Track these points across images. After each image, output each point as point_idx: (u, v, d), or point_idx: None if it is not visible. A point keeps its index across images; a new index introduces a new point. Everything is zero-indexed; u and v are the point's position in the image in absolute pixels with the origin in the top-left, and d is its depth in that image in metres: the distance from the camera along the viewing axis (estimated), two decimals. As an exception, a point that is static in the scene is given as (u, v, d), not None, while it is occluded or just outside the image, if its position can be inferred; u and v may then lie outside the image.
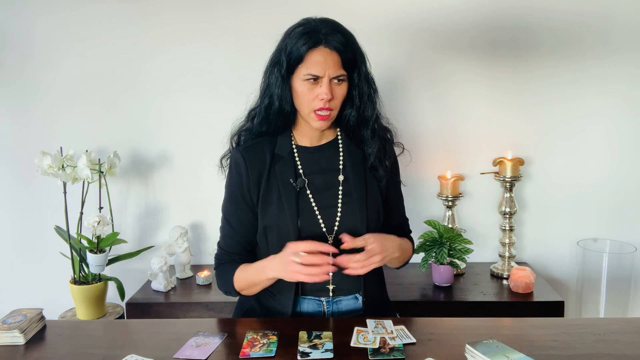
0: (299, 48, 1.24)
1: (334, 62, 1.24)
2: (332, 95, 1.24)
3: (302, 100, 1.27)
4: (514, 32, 2.09)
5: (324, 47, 1.24)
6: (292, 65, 1.26)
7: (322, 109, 1.25)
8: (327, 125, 1.30)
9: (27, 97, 2.19)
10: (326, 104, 1.25)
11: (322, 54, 1.23)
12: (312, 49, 1.24)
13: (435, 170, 2.16)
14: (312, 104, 1.26)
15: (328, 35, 1.24)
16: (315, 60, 1.23)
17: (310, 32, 1.24)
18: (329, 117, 1.27)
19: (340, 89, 1.27)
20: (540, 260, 2.23)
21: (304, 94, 1.26)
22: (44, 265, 2.28)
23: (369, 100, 1.33)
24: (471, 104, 2.14)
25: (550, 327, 1.22)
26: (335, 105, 1.28)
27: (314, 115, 1.27)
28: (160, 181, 2.23)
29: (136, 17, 2.12)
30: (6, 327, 1.19)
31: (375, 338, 1.16)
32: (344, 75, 1.26)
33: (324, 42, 1.24)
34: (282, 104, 1.30)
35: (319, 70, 1.23)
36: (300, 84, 1.26)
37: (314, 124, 1.29)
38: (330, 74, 1.24)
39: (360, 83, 1.30)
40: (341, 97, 1.28)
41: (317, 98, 1.25)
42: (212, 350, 1.14)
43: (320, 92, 1.24)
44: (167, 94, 2.17)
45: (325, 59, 1.23)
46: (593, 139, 2.14)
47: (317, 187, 1.34)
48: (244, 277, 1.31)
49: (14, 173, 2.24)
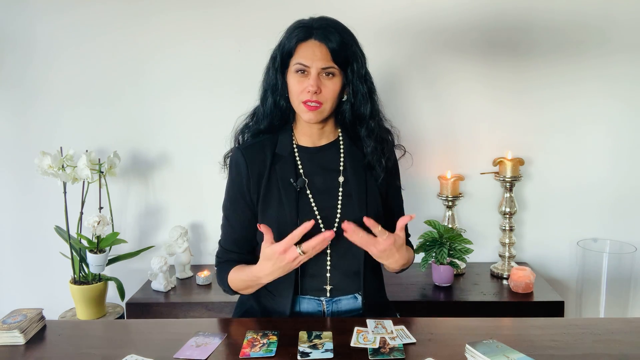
0: (290, 41, 1.27)
1: (322, 55, 1.25)
2: (319, 88, 1.25)
3: (292, 93, 1.29)
4: (514, 32, 2.09)
5: (313, 40, 1.26)
6: (285, 59, 1.29)
7: (309, 101, 1.26)
8: (317, 119, 1.29)
9: (27, 97, 2.19)
10: (313, 95, 1.25)
11: (310, 46, 1.26)
12: (302, 42, 1.27)
13: (435, 170, 2.16)
14: (300, 96, 1.27)
15: (319, 29, 1.26)
16: (304, 51, 1.26)
17: (303, 27, 1.28)
18: (317, 109, 1.27)
19: (331, 83, 1.27)
20: (540, 260, 2.23)
21: (294, 86, 1.28)
22: (44, 265, 2.28)
23: (363, 98, 1.33)
24: (471, 104, 2.14)
25: (550, 327, 1.22)
26: (324, 99, 1.27)
27: (303, 107, 1.27)
28: (160, 181, 2.23)
29: (136, 17, 2.12)
30: (6, 327, 1.18)
31: (375, 338, 1.16)
32: (334, 68, 1.26)
33: (314, 35, 1.26)
34: (276, 98, 1.33)
35: (306, 61, 1.25)
36: (292, 77, 1.28)
37: (303, 116, 1.29)
38: (318, 66, 1.25)
39: (354, 80, 1.31)
40: (332, 92, 1.28)
41: (305, 90, 1.26)
42: (212, 350, 1.14)
43: (307, 84, 1.25)
44: (167, 93, 2.17)
45: (314, 51, 1.25)
46: (593, 138, 2.14)
47: (317, 188, 1.34)
48: (238, 279, 1.32)
49: (14, 173, 2.24)
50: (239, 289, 1.35)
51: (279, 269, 1.22)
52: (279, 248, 1.18)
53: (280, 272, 1.23)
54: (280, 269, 1.22)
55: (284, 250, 1.18)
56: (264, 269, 1.23)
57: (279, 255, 1.19)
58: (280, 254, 1.18)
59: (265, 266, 1.23)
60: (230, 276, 1.33)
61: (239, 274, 1.32)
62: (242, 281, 1.32)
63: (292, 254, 1.18)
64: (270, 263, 1.21)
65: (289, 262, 1.19)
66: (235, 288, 1.35)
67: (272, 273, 1.23)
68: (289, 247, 1.18)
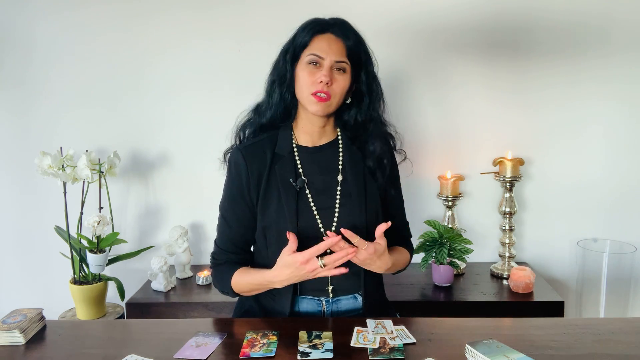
0: (305, 35, 1.29)
1: (337, 48, 1.27)
2: (332, 81, 1.26)
3: (302, 84, 1.28)
4: (514, 33, 2.09)
5: (330, 34, 1.28)
6: (298, 51, 1.30)
7: (320, 92, 1.26)
8: (325, 112, 1.29)
9: (27, 97, 2.19)
10: (324, 87, 1.25)
11: (326, 39, 1.28)
12: (318, 35, 1.28)
13: (435, 170, 2.16)
14: (311, 87, 1.27)
15: (336, 25, 1.29)
16: (320, 43, 1.27)
17: (320, 22, 1.30)
18: (326, 101, 1.27)
19: (342, 78, 1.28)
20: (540, 260, 2.23)
21: (304, 78, 1.27)
22: (44, 265, 2.28)
23: (371, 101, 1.34)
24: (471, 104, 2.14)
25: (550, 327, 1.22)
26: (334, 93, 1.27)
27: (312, 98, 1.27)
28: (160, 181, 2.23)
29: (136, 17, 2.12)
30: (6, 327, 1.19)
31: (375, 338, 1.16)
32: (346, 63, 1.27)
33: (331, 30, 1.28)
34: (283, 90, 1.33)
35: (321, 52, 1.26)
36: (303, 68, 1.28)
37: (311, 108, 1.28)
38: (332, 59, 1.26)
39: (367, 81, 1.33)
40: (342, 87, 1.28)
41: (316, 81, 1.26)
42: (212, 350, 1.14)
43: (320, 74, 1.25)
44: (167, 93, 2.17)
45: (329, 44, 1.27)
46: (593, 138, 2.14)
47: (316, 188, 1.34)
48: (245, 282, 1.31)
49: (14, 173, 2.24)
50: (243, 291, 1.34)
51: (295, 277, 1.22)
52: (300, 258, 1.18)
53: (296, 280, 1.23)
54: (297, 277, 1.22)
55: (306, 261, 1.18)
56: (279, 275, 1.23)
57: (300, 264, 1.18)
58: (301, 264, 1.18)
59: (283, 273, 1.22)
60: (235, 279, 1.32)
61: (246, 277, 1.31)
62: (250, 284, 1.31)
63: (313, 265, 1.18)
64: (288, 271, 1.21)
65: (307, 272, 1.19)
66: (239, 291, 1.34)
67: (287, 280, 1.23)
68: (311, 259, 1.18)
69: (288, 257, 1.20)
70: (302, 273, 1.20)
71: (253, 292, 1.33)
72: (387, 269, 1.31)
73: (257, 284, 1.29)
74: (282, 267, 1.22)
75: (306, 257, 1.17)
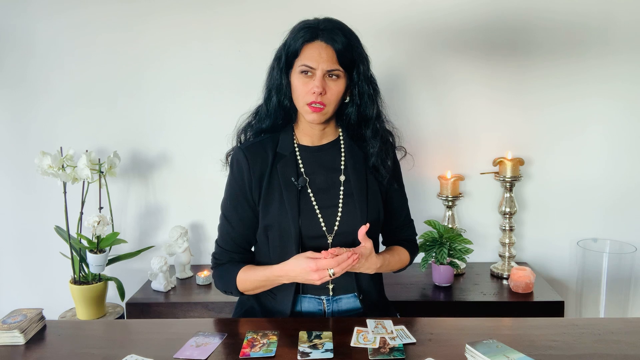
0: (296, 42, 1.27)
1: (328, 56, 1.25)
2: (325, 90, 1.25)
3: (297, 94, 1.29)
4: (514, 33, 2.09)
5: (319, 41, 1.26)
6: (290, 59, 1.29)
7: (314, 102, 1.26)
8: (321, 120, 1.30)
9: (27, 97, 2.19)
10: (318, 97, 1.25)
11: (317, 48, 1.26)
12: (308, 43, 1.26)
13: (435, 170, 2.16)
14: (305, 98, 1.27)
15: (326, 30, 1.26)
16: (310, 53, 1.26)
17: (309, 28, 1.27)
18: (321, 110, 1.27)
19: (335, 85, 1.27)
20: (540, 260, 2.23)
21: (298, 87, 1.28)
22: (44, 265, 2.28)
23: (369, 100, 1.33)
24: (471, 104, 2.14)
25: (550, 327, 1.22)
26: (329, 101, 1.28)
27: (307, 108, 1.28)
28: (160, 181, 2.23)
29: (136, 17, 2.12)
30: (6, 327, 1.19)
31: (375, 338, 1.16)
32: (339, 70, 1.26)
33: (320, 36, 1.26)
34: (280, 98, 1.32)
35: (312, 62, 1.25)
36: (296, 78, 1.28)
37: (307, 117, 1.29)
38: (324, 68, 1.25)
39: (359, 82, 1.31)
40: (336, 93, 1.28)
41: (310, 92, 1.26)
42: (212, 350, 1.14)
43: (313, 85, 1.25)
44: (167, 93, 2.17)
45: (320, 53, 1.25)
46: (593, 138, 2.14)
47: (318, 187, 1.34)
48: (251, 280, 1.31)
49: (14, 173, 2.24)
50: (247, 289, 1.34)
51: (301, 279, 1.23)
52: (312, 265, 1.19)
53: (300, 280, 1.24)
54: (302, 279, 1.23)
55: (316, 269, 1.19)
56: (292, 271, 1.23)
57: (310, 270, 1.19)
58: (311, 270, 1.19)
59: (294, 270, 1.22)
60: (241, 276, 1.32)
61: (252, 274, 1.31)
62: (257, 281, 1.31)
63: (322, 274, 1.19)
64: (299, 269, 1.22)
65: (314, 279, 1.20)
66: (244, 289, 1.33)
67: (295, 277, 1.24)
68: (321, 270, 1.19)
69: (305, 259, 1.21)
70: (307, 277, 1.21)
71: (258, 289, 1.33)
72: (378, 269, 1.32)
73: (264, 279, 1.30)
74: (295, 265, 1.23)
75: (316, 267, 1.19)
